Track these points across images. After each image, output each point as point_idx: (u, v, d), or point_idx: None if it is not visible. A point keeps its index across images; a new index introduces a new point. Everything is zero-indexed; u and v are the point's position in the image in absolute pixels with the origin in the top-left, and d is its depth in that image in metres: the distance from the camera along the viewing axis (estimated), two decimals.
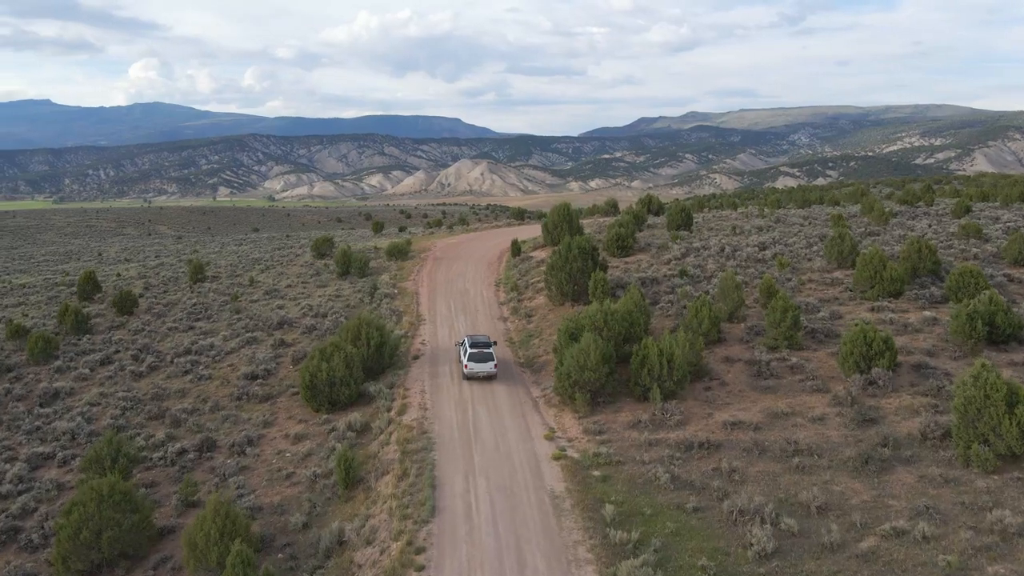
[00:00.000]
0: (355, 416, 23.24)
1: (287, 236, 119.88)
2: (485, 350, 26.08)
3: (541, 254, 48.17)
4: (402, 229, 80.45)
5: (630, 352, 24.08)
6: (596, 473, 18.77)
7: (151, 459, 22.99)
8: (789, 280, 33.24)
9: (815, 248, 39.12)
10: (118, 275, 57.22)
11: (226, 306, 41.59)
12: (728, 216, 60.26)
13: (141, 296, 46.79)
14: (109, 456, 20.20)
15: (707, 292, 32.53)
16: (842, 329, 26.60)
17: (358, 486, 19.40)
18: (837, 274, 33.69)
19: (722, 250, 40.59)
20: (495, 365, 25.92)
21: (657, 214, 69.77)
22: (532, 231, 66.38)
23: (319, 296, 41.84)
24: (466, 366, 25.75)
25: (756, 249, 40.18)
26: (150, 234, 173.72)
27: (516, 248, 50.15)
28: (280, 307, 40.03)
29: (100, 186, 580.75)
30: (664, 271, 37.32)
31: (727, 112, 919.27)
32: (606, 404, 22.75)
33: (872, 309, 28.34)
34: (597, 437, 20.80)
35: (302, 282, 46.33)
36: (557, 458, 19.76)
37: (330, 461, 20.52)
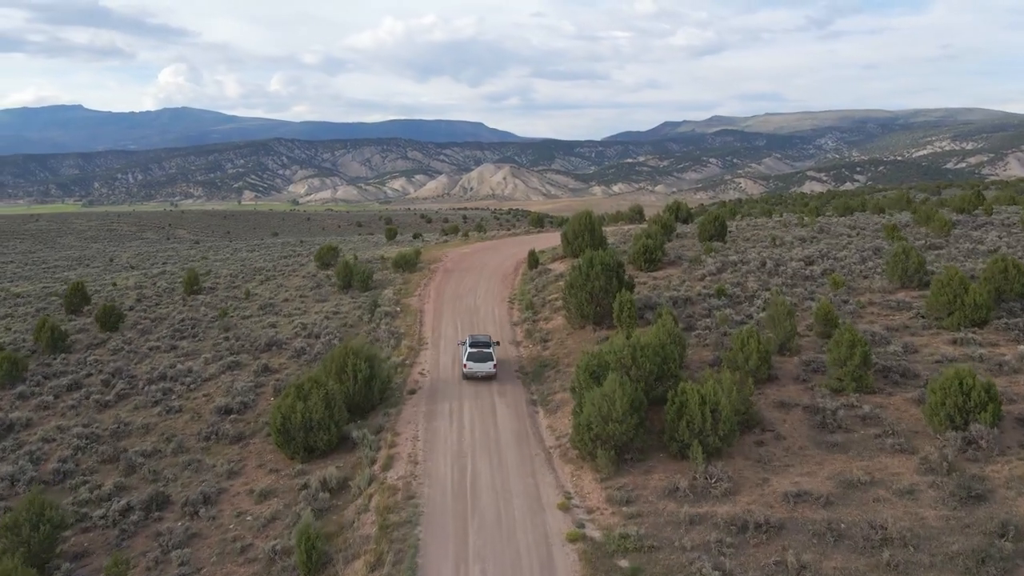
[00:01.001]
0: (331, 471, 19.35)
1: (301, 242, 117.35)
2: (485, 350, 26.06)
3: (560, 266, 44.09)
4: (416, 236, 76.94)
5: (663, 394, 19.96)
6: (623, 564, 14.64)
7: (91, 518, 19.37)
8: (846, 303, 28.72)
9: (871, 264, 34.45)
10: (114, 285, 54.46)
11: (215, 323, 38.22)
12: (764, 224, 55.53)
13: (131, 309, 43.78)
14: (28, 522, 16.60)
15: (750, 316, 28.16)
16: (920, 367, 22.12)
17: (324, 570, 15.51)
18: (902, 295, 29.08)
19: (763, 264, 36.10)
20: (494, 365, 25.87)
21: (686, 222, 65.28)
22: (552, 239, 62.33)
23: (316, 313, 38.24)
24: (465, 365, 25.82)
25: (802, 264, 35.63)
26: (168, 239, 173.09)
27: (533, 260, 46.17)
28: (272, 325, 36.48)
29: (128, 190, 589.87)
30: (698, 289, 32.98)
31: (752, 116, 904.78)
32: (635, 462, 18.57)
33: (954, 342, 23.75)
34: (624, 508, 16.64)
35: (300, 296, 42.84)
36: (574, 539, 15.65)
37: (295, 533, 16.64)
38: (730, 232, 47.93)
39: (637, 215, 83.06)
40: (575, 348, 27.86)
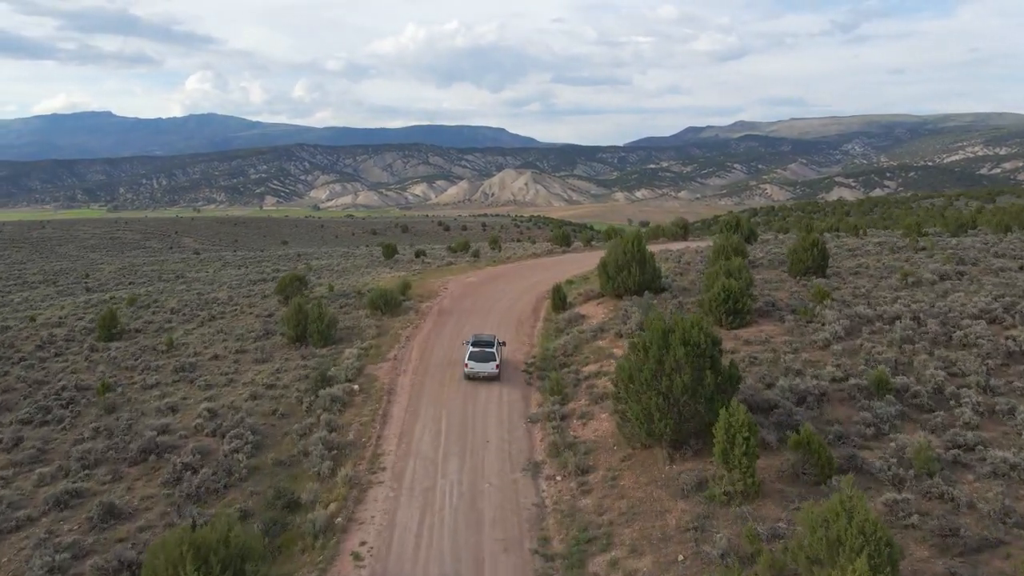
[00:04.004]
0: None
1: (299, 255, 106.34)
2: (487, 349, 24.90)
3: (598, 311, 31.69)
4: (419, 254, 64.89)
5: None
6: None
7: None
8: None
9: None
10: (32, 320, 43.26)
11: (107, 392, 26.49)
12: (862, 248, 42.42)
13: (20, 362, 32.69)
14: None
15: (967, 447, 15.36)
16: None
17: None
18: None
19: (919, 323, 23.26)
20: (496, 366, 24.61)
21: (748, 240, 52.48)
22: (582, 262, 49.95)
23: (244, 384, 26.24)
24: (466, 365, 24.70)
25: (984, 323, 22.72)
26: (171, 248, 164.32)
27: (559, 298, 33.85)
28: (172, 407, 24.55)
29: (153, 195, 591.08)
30: (829, 369, 20.25)
31: (777, 121, 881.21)
32: None
33: None
34: None
35: (238, 350, 30.92)
36: None
37: None
38: None
39: (681, 230, 70.33)
40: (639, 501, 15.38)
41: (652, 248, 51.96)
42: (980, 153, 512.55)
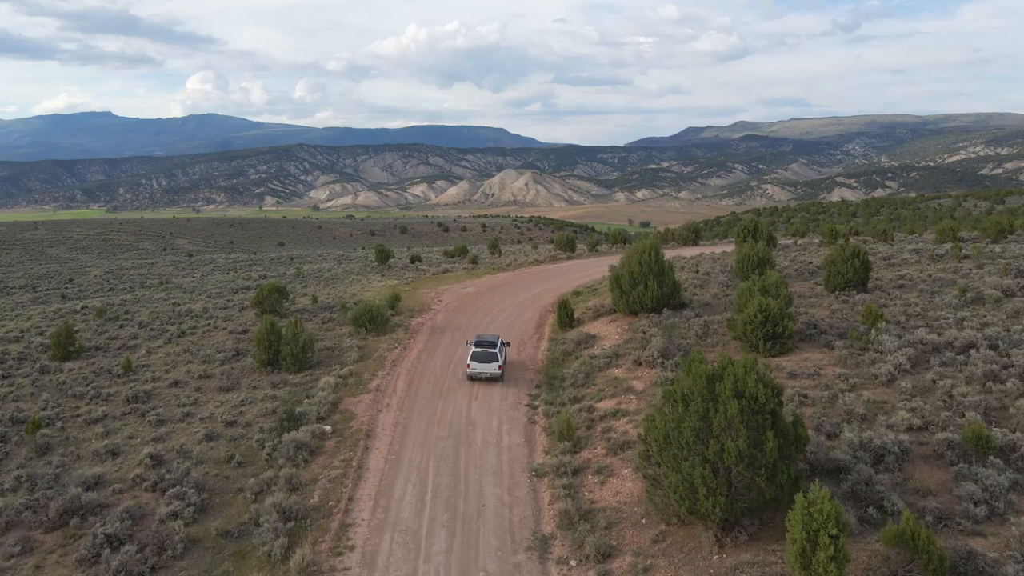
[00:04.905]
0: None
1: (291, 258, 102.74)
2: (490, 350, 24.03)
3: (611, 330, 27.96)
4: (414, 260, 61.11)
5: None
6: None
7: None
8: None
9: None
10: None
11: (38, 430, 22.75)
12: (897, 256, 38.64)
13: None
14: None
15: None
16: None
17: None
18: None
19: (997, 352, 19.50)
20: (499, 367, 23.76)
21: (769, 243, 48.71)
22: (588, 269, 46.29)
23: (201, 420, 22.50)
24: (468, 365, 23.91)
25: None
26: (165, 249, 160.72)
27: (566, 314, 30.16)
28: (113, 449, 20.83)
29: (152, 195, 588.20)
30: (904, 415, 16.51)
31: (778, 121, 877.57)
32: None
33: None
34: None
35: (202, 374, 27.19)
36: None
37: None
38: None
39: (692, 234, 66.55)
40: None
41: (667, 253, 48.31)
42: (981, 153, 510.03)
